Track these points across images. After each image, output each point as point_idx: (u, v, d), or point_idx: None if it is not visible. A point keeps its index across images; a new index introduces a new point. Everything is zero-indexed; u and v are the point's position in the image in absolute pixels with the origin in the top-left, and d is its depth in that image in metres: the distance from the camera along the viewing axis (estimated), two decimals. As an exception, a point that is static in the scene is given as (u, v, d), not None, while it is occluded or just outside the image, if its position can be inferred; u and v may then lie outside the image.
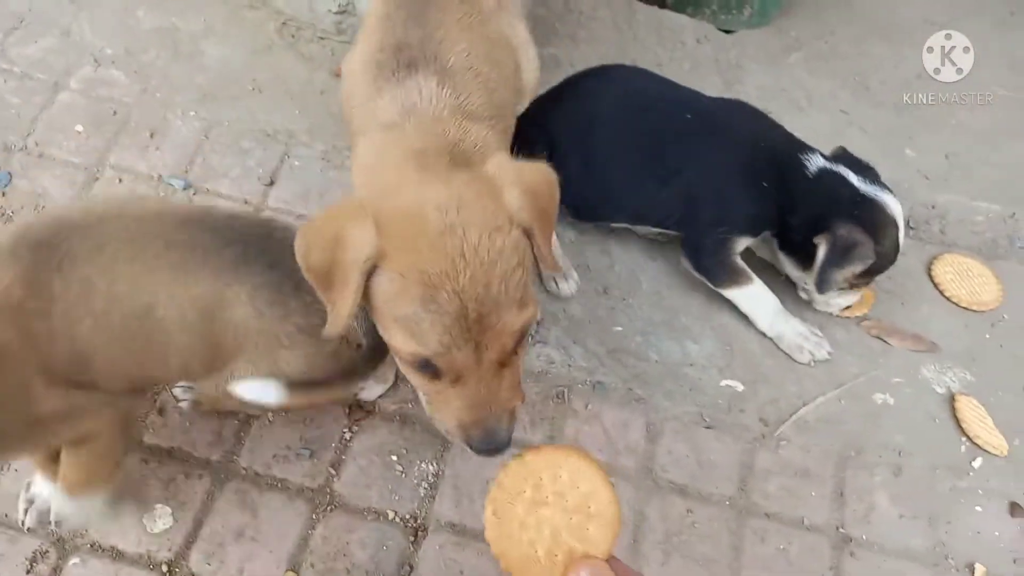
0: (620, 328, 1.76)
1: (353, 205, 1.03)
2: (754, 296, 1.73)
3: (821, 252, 1.63)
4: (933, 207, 2.06)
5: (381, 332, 1.05)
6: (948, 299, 1.87)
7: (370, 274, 0.97)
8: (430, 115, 1.22)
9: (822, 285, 1.65)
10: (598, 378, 1.68)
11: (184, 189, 1.85)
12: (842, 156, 1.73)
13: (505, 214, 0.99)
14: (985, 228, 2.04)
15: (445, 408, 1.03)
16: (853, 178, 1.66)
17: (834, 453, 1.63)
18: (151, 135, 1.93)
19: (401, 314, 0.95)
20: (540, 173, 1.08)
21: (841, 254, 1.61)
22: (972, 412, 1.68)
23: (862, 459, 1.63)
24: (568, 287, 1.77)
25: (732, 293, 1.73)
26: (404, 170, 1.12)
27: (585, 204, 1.78)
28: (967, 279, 1.90)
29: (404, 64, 1.28)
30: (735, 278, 1.71)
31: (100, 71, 2.02)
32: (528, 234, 1.02)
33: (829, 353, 1.74)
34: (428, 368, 1.00)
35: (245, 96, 2.01)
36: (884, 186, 1.70)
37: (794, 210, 1.66)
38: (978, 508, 1.60)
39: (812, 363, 1.73)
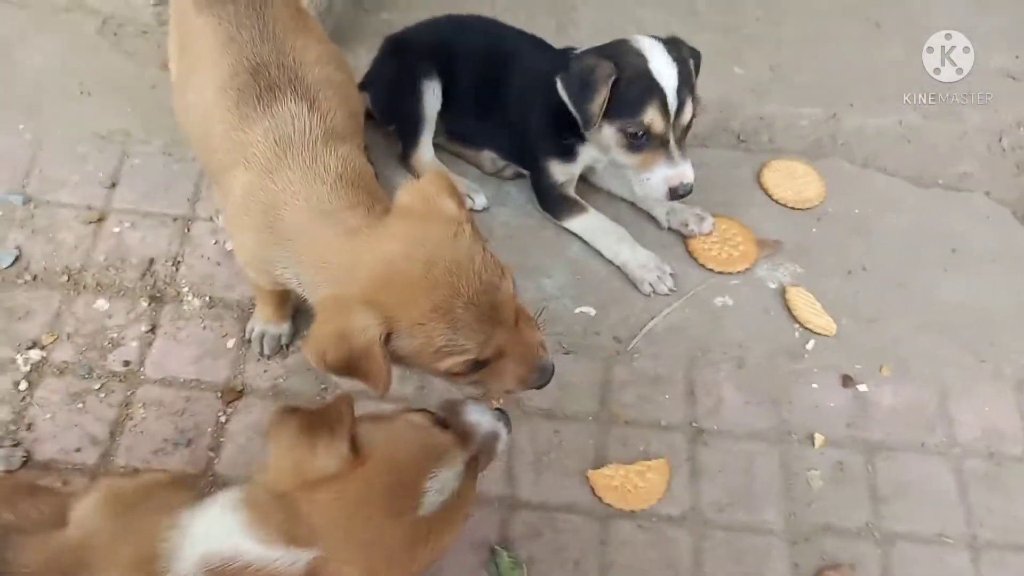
0: (478, 275, 1.85)
1: (339, 303, 1.12)
2: (592, 226, 1.85)
3: (562, 90, 1.63)
4: (761, 118, 2.21)
5: (421, 370, 1.20)
6: (776, 201, 2.03)
7: (386, 341, 1.10)
8: (308, 149, 1.26)
9: (585, 121, 1.63)
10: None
11: (24, 204, 1.83)
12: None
13: (452, 220, 1.14)
14: (809, 131, 2.20)
15: (501, 379, 1.21)
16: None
17: (683, 357, 1.77)
18: (-20, 155, 1.89)
19: (439, 346, 1.10)
20: (439, 177, 1.23)
21: (580, 82, 1.60)
22: (802, 300, 1.85)
23: (708, 358, 1.78)
24: (480, 200, 1.90)
25: (572, 224, 1.84)
26: (334, 243, 1.19)
27: (456, 128, 1.93)
28: (792, 180, 2.06)
29: (266, 88, 1.28)
30: (570, 209, 1.82)
31: (-86, 97, 1.95)
32: (469, 221, 1.18)
33: (671, 289, 1.83)
34: (478, 366, 1.15)
35: (73, 101, 1.98)
36: (666, 45, 1.65)
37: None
38: (814, 385, 1.77)
39: (651, 295, 1.83)
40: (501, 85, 1.81)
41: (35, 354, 1.64)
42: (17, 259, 1.75)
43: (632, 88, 1.60)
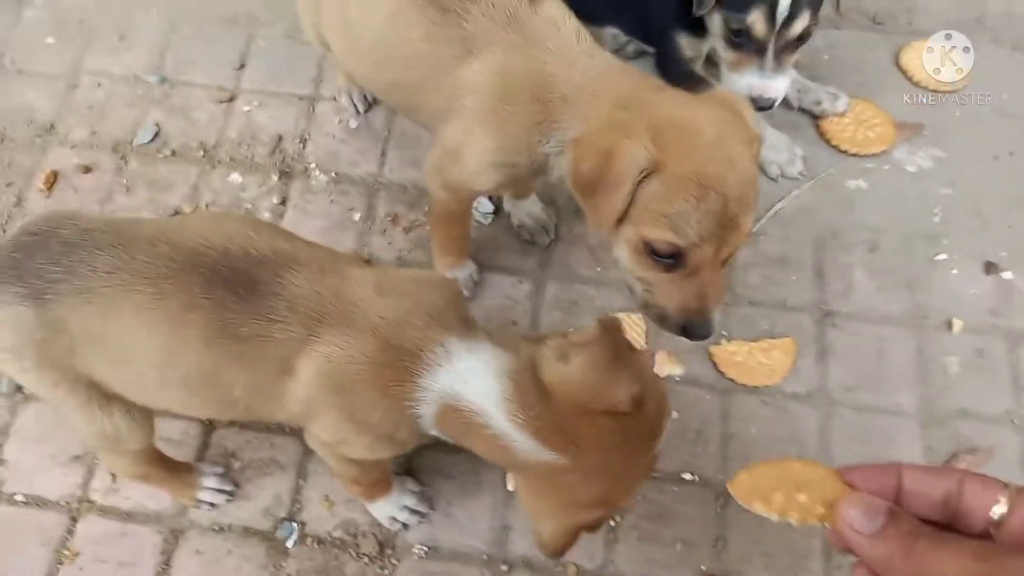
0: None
1: (622, 125, 1.09)
2: (720, 101, 1.77)
3: None
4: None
5: (630, 231, 1.12)
6: (916, 84, 1.89)
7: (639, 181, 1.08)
8: (550, 25, 1.22)
9: (698, 2, 1.54)
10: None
11: (160, 83, 1.90)
12: None
13: (750, 132, 1.13)
14: (951, 13, 2.03)
15: (670, 295, 1.15)
16: None
17: (812, 239, 1.71)
18: (120, 37, 1.97)
19: (671, 210, 1.06)
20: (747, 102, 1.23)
21: None
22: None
23: (839, 241, 1.71)
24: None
25: (698, 100, 1.77)
26: (637, 90, 1.15)
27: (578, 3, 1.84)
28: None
29: None
30: (697, 86, 1.73)
31: (58, -17, 2.04)
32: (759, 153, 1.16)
33: (801, 173, 1.75)
34: (668, 259, 1.11)
35: (201, -14, 2.03)
36: None
37: None
38: (954, 271, 1.68)
39: (779, 178, 1.76)
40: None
41: (178, 221, 1.73)
42: (157, 135, 1.84)
43: None
